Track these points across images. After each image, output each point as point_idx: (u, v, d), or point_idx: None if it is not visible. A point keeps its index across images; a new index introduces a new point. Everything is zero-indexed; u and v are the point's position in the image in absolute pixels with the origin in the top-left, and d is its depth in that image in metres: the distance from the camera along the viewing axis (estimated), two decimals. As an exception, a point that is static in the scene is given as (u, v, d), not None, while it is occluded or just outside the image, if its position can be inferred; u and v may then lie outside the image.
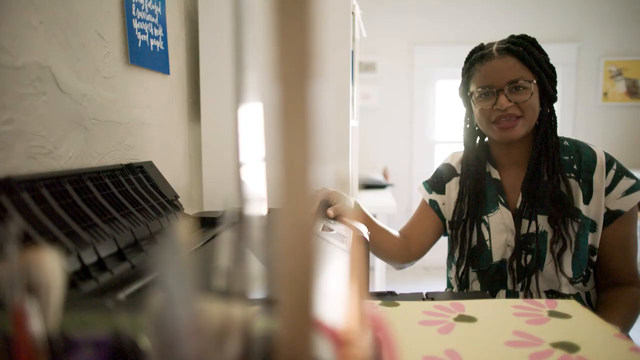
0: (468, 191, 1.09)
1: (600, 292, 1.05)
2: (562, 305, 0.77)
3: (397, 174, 3.71)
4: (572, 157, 1.03)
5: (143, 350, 0.28)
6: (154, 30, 1.01)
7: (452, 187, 1.15)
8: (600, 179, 1.00)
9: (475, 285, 1.09)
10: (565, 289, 1.01)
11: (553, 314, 0.73)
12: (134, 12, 0.92)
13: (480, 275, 1.07)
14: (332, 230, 0.80)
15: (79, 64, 0.75)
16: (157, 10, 1.03)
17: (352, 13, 1.23)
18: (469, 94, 1.05)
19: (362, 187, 2.81)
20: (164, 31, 1.07)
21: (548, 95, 1.01)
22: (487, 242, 1.06)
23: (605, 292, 1.03)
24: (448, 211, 1.15)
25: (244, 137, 0.28)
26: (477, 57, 1.02)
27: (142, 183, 0.84)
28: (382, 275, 2.26)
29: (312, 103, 0.20)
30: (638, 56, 3.56)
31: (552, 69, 1.02)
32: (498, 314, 0.73)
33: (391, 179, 3.52)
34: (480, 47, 1.04)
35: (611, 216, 1.00)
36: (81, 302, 0.45)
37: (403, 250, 1.14)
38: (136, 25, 0.93)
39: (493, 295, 1.06)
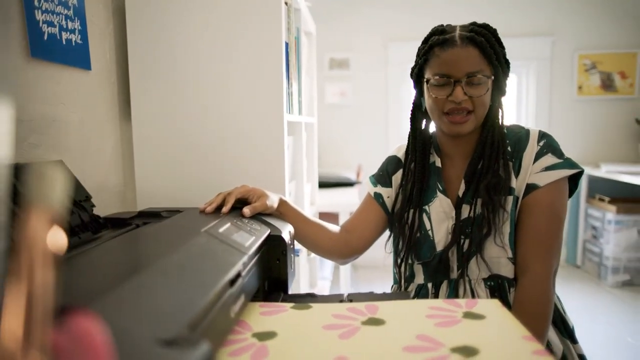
0: (412, 177, 1.06)
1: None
2: (481, 305, 0.73)
3: (372, 172, 3.66)
4: (509, 140, 1.01)
5: None
6: (67, 23, 0.96)
7: (399, 179, 1.12)
8: (529, 156, 0.98)
9: (419, 279, 1.05)
10: (505, 270, 0.98)
11: (468, 315, 0.69)
12: (36, 3, 0.86)
13: (424, 267, 1.04)
14: (239, 229, 0.75)
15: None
16: (72, 1, 0.98)
17: (286, 3, 1.18)
18: (424, 79, 1.00)
19: (325, 185, 2.77)
20: (83, 24, 1.02)
21: (500, 90, 1.00)
22: (430, 232, 1.03)
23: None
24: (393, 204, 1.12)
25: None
26: (438, 41, 0.96)
27: (41, 184, 0.79)
28: (347, 275, 2.21)
29: None
30: (612, 49, 3.54)
31: (508, 64, 1.00)
32: (410, 316, 0.69)
33: (364, 176, 3.47)
34: (442, 30, 0.98)
35: (525, 191, 0.98)
36: None
37: (341, 245, 1.10)
38: (40, 16, 0.87)
39: (437, 287, 1.03)
